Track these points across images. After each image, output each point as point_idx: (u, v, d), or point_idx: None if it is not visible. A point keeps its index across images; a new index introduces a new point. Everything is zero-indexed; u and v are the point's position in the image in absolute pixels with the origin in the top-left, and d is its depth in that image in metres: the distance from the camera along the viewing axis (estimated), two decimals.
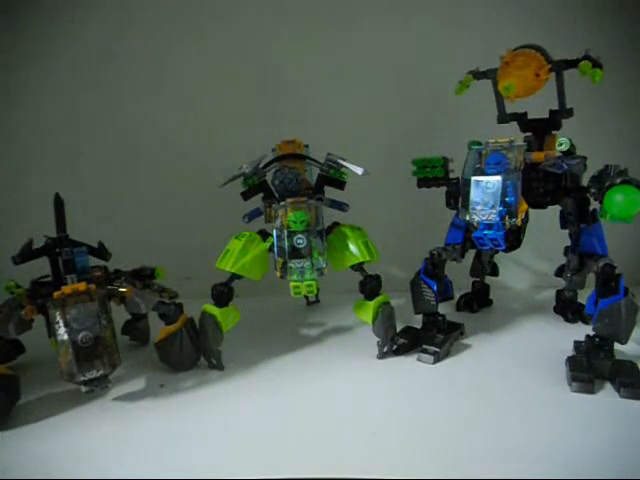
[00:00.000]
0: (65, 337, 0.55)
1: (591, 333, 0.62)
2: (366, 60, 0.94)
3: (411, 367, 0.66)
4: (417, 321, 0.75)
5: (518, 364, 0.65)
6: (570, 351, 0.65)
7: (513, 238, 0.70)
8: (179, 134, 0.99)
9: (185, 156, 0.99)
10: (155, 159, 1.00)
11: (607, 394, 0.57)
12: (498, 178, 0.60)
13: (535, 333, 0.75)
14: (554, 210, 0.70)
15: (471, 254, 0.81)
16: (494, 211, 0.60)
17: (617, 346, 0.60)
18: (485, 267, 0.84)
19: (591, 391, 0.57)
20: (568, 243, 0.70)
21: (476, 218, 0.61)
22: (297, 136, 0.75)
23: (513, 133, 0.68)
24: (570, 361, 0.61)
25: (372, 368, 0.67)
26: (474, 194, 0.61)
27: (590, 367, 0.59)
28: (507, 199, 0.59)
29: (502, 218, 0.60)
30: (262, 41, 0.95)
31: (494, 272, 0.87)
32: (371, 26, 0.93)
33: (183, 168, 0.99)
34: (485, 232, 0.61)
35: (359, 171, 0.66)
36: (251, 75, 0.96)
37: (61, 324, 0.55)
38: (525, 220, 0.69)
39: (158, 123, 0.99)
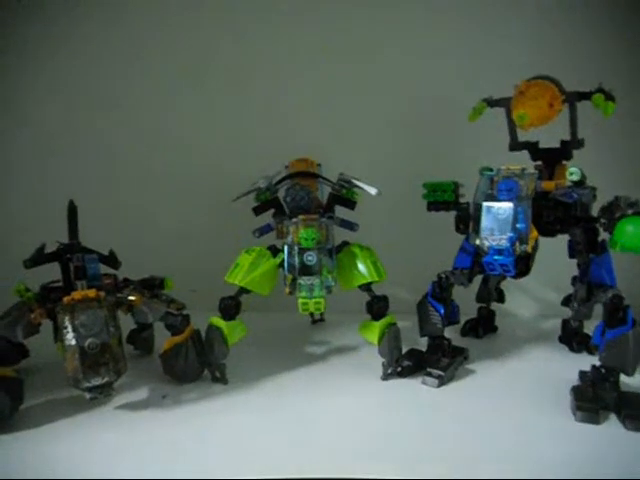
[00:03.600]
0: (72, 342, 0.55)
1: (597, 363, 0.61)
2: (382, 82, 0.95)
3: (415, 390, 0.66)
4: (421, 344, 0.74)
5: (522, 392, 0.65)
6: (574, 381, 0.65)
7: (522, 265, 0.70)
8: (192, 147, 1.01)
9: (198, 169, 1.00)
10: (169, 172, 1.01)
11: (612, 425, 0.57)
12: (510, 204, 0.60)
13: (540, 362, 0.75)
14: (562, 239, 0.70)
15: (478, 279, 0.81)
16: (505, 237, 0.60)
17: (622, 378, 0.60)
18: (492, 293, 0.84)
19: (596, 422, 0.57)
20: (575, 272, 0.70)
21: (486, 243, 0.61)
22: (309, 154, 0.76)
23: (523, 162, 0.68)
24: (575, 391, 0.61)
25: (376, 389, 0.67)
26: (485, 219, 0.61)
27: (595, 398, 0.59)
28: (518, 225, 0.60)
29: (512, 244, 0.60)
30: (278, 55, 0.97)
31: (500, 298, 0.87)
32: (388, 49, 0.94)
33: (196, 181, 1.00)
34: (495, 257, 0.61)
35: (372, 191, 0.66)
36: (266, 90, 0.98)
37: (69, 329, 0.55)
38: (535, 248, 0.69)
39: (171, 135, 1.01)
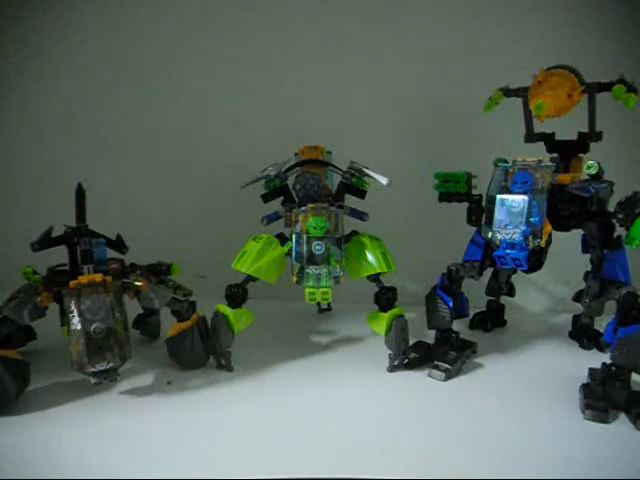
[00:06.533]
0: (78, 327, 0.55)
1: (607, 361, 0.60)
2: (394, 72, 0.93)
3: (421, 382, 0.66)
4: (428, 336, 0.74)
5: (529, 388, 0.64)
6: (584, 378, 0.63)
7: (535, 259, 0.69)
8: (201, 133, 1.00)
9: (205, 155, 0.99)
10: (179, 157, 1.00)
11: (622, 425, 0.56)
12: (524, 197, 0.59)
13: (549, 357, 0.74)
14: (574, 233, 0.69)
15: (489, 272, 0.80)
16: (518, 230, 0.59)
17: (633, 376, 0.59)
18: (502, 287, 0.83)
19: (605, 420, 0.56)
20: (587, 268, 0.69)
21: (499, 236, 0.60)
22: (319, 142, 0.75)
23: (538, 154, 0.67)
24: (585, 388, 0.60)
25: (381, 380, 0.66)
26: (499, 212, 0.60)
27: (605, 396, 0.58)
28: (532, 219, 0.59)
29: (526, 238, 0.59)
30: (286, 44, 0.95)
31: (511, 292, 0.86)
32: (403, 37, 0.92)
33: (205, 167, 0.99)
34: (507, 251, 0.60)
35: (384, 181, 0.65)
36: (277, 75, 0.96)
37: (75, 313, 0.55)
38: (548, 242, 0.68)
39: (179, 122, 1.00)
